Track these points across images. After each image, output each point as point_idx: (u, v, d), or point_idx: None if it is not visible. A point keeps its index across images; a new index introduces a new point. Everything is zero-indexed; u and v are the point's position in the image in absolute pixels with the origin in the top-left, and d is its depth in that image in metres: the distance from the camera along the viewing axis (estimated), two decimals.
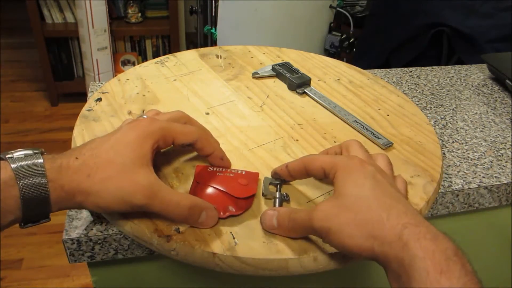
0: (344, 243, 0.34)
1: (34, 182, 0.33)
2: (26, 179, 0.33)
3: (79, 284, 1.38)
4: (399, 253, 0.31)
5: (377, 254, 0.33)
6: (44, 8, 2.08)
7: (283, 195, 0.42)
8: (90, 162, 0.36)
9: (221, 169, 0.44)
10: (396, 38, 1.23)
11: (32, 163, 0.33)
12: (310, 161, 0.40)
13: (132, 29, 2.20)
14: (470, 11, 1.11)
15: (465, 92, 0.74)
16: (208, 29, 1.62)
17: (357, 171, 0.37)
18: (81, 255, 0.43)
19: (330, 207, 0.35)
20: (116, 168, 0.36)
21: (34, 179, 0.33)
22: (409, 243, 0.31)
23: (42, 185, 0.33)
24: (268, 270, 0.37)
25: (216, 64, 0.66)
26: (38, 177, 0.33)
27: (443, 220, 0.57)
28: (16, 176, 0.33)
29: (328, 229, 0.34)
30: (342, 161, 0.38)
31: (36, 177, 0.33)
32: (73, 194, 0.35)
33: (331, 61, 0.70)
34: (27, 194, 0.33)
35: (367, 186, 0.35)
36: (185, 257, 0.38)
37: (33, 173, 0.33)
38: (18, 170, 0.33)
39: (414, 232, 0.32)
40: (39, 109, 2.25)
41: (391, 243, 0.32)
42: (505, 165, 0.56)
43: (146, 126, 0.39)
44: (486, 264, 0.68)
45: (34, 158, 0.34)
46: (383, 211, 0.33)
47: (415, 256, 0.30)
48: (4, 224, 0.33)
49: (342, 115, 0.56)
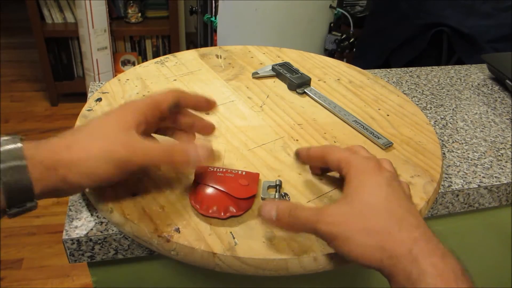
0: (351, 252, 0.33)
1: (12, 165, 0.32)
2: (4, 164, 0.32)
3: (79, 284, 1.38)
4: (407, 266, 0.31)
5: (384, 265, 0.32)
6: (44, 8, 2.08)
7: (282, 195, 0.42)
8: (68, 136, 0.36)
9: (221, 169, 0.44)
10: (396, 38, 1.24)
11: (10, 148, 0.32)
12: (330, 151, 0.40)
13: (132, 29, 2.20)
14: (470, 11, 1.11)
15: (465, 92, 0.74)
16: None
17: (374, 175, 0.36)
18: (81, 255, 0.43)
19: (340, 213, 0.34)
20: (96, 136, 0.36)
21: (11, 163, 0.32)
22: (419, 259, 0.31)
23: (20, 167, 0.32)
24: (268, 270, 0.37)
25: (216, 64, 0.66)
26: (16, 159, 0.32)
27: (443, 220, 0.57)
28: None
29: (335, 235, 0.34)
30: (357, 160, 0.38)
31: (14, 160, 0.32)
32: (54, 168, 0.34)
33: (331, 61, 0.70)
34: (5, 177, 0.32)
35: (382, 194, 0.35)
36: (185, 257, 0.38)
37: (12, 157, 0.32)
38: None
39: (425, 248, 0.31)
40: (39, 109, 2.25)
41: (400, 257, 0.32)
42: (505, 165, 0.56)
43: (128, 103, 0.40)
44: (486, 264, 0.68)
45: (11, 142, 0.33)
46: (395, 223, 0.33)
47: (425, 272, 0.30)
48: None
49: (342, 115, 0.56)
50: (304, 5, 1.34)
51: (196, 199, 0.41)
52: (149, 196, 0.42)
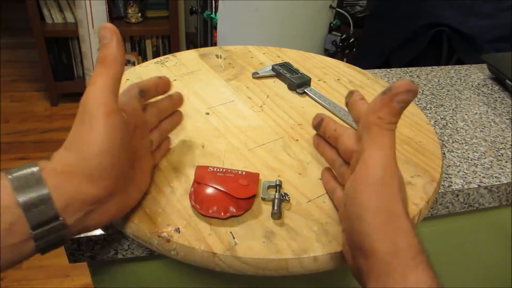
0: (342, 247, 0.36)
1: (41, 211, 0.31)
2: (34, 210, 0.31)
3: (79, 284, 1.38)
4: (381, 275, 0.32)
5: (359, 267, 0.34)
6: (44, 8, 2.08)
7: (282, 195, 0.42)
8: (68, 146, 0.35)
9: (221, 170, 0.44)
10: (396, 38, 1.23)
11: (29, 178, 0.31)
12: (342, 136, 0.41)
13: (132, 29, 2.20)
14: (470, 11, 1.11)
15: (465, 92, 0.74)
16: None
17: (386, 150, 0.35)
18: (81, 255, 0.43)
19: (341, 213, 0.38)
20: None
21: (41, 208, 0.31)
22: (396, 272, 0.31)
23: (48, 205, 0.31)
24: (268, 270, 0.37)
25: (216, 64, 0.66)
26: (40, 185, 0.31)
27: (443, 220, 0.57)
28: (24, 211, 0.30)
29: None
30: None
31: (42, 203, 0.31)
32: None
33: (331, 61, 0.70)
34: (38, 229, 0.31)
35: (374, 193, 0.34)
36: (185, 257, 0.38)
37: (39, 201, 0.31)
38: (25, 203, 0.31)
39: (404, 261, 0.31)
40: (39, 109, 2.25)
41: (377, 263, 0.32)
42: (505, 165, 0.56)
43: None
44: (486, 264, 0.68)
45: (30, 174, 0.32)
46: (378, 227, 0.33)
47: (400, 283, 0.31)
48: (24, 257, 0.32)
49: (342, 115, 0.56)
50: (304, 5, 1.34)
51: (196, 199, 0.41)
52: (149, 196, 0.42)
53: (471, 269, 0.68)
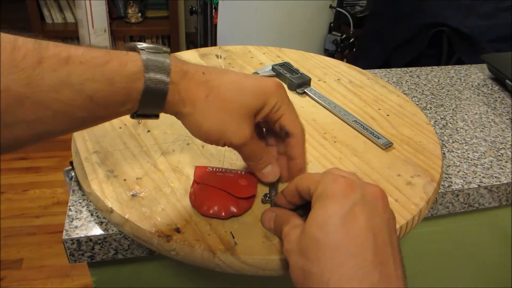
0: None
1: (158, 79, 0.33)
2: (152, 73, 0.33)
3: (79, 284, 1.38)
4: None
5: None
6: (44, 8, 2.08)
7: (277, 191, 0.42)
8: (213, 83, 0.36)
9: (221, 169, 0.44)
10: (396, 38, 1.23)
11: (161, 60, 0.34)
12: (300, 180, 0.36)
13: (132, 29, 2.20)
14: (470, 11, 1.11)
15: (465, 92, 0.74)
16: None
17: (337, 198, 0.31)
18: (81, 255, 0.43)
19: (292, 241, 0.33)
20: (229, 107, 0.36)
21: (159, 75, 0.33)
22: None
23: (164, 83, 0.34)
24: (268, 270, 0.37)
25: (216, 64, 0.66)
26: (163, 74, 0.33)
27: (443, 220, 0.57)
28: (144, 69, 0.33)
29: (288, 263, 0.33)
30: (326, 180, 0.33)
31: (162, 74, 0.33)
32: (184, 104, 0.35)
33: (331, 61, 0.70)
34: (149, 88, 0.33)
35: (333, 228, 0.30)
36: (185, 257, 0.38)
37: (160, 69, 0.33)
38: (148, 63, 0.33)
39: None
40: None
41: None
42: (505, 165, 0.56)
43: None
44: (486, 264, 0.68)
45: (163, 56, 0.34)
46: (329, 270, 0.29)
47: None
48: (122, 112, 0.34)
49: (342, 115, 0.56)
50: (304, 5, 1.34)
51: (196, 199, 0.41)
52: (149, 196, 0.42)
53: (471, 269, 0.68)
